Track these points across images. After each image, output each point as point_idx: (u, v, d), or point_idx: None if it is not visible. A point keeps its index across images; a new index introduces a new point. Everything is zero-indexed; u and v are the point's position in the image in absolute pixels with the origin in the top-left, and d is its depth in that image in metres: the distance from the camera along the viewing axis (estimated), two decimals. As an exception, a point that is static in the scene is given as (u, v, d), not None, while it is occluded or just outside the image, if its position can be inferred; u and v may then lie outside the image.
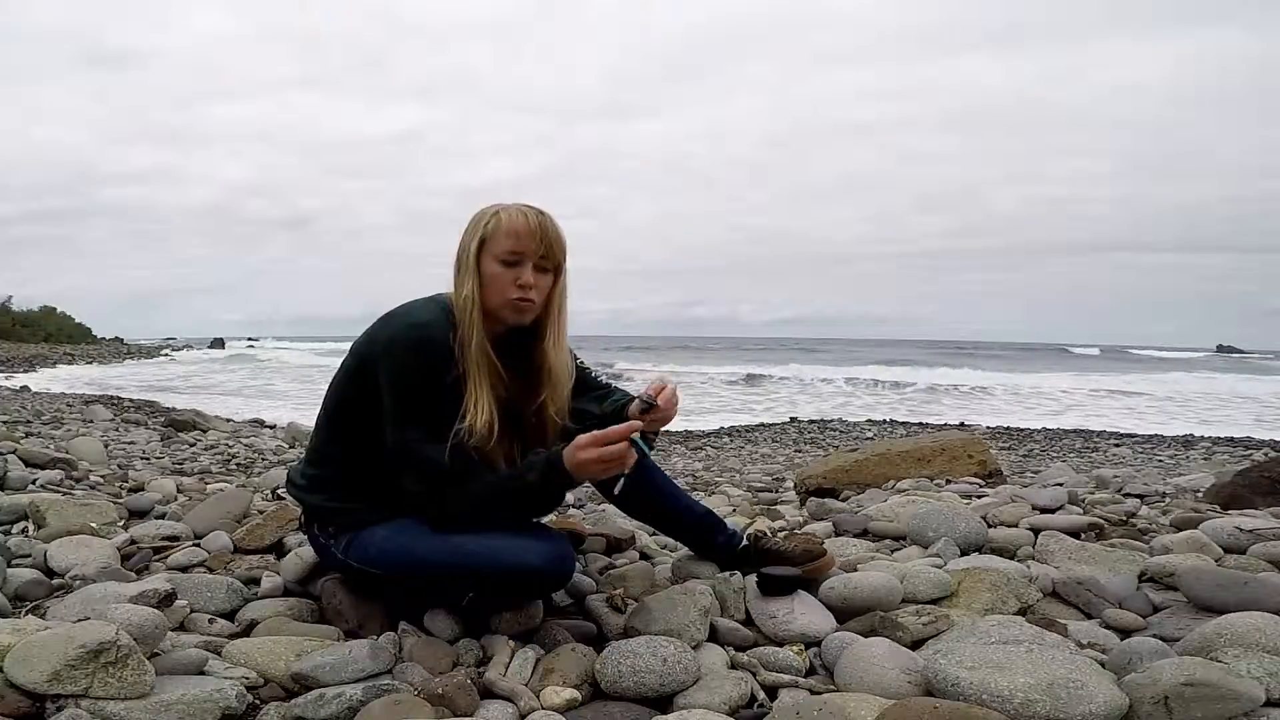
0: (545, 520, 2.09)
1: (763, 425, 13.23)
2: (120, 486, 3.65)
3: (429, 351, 1.67)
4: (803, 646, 1.76)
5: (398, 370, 1.68)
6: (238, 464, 5.95)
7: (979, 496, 3.39)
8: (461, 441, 1.67)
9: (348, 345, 1.83)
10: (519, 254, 1.73)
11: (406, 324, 1.72)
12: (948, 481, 4.05)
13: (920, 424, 13.94)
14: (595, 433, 1.65)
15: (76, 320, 57.30)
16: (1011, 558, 2.31)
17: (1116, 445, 11.20)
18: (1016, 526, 2.63)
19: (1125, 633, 1.83)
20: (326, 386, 1.87)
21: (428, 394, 1.67)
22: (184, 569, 2.11)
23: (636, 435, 1.66)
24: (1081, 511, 2.89)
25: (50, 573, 2.06)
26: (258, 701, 1.47)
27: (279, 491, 3.29)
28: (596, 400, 1.98)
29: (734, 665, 1.68)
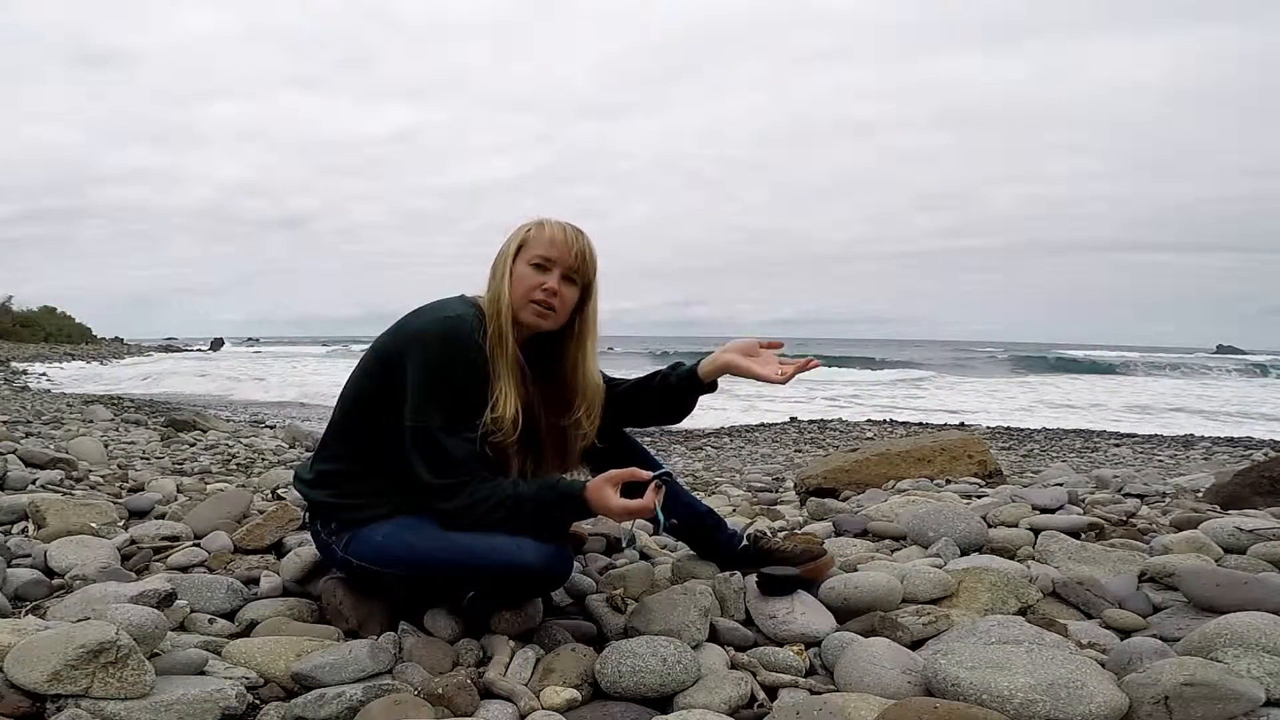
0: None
1: (763, 425, 13.22)
2: (120, 486, 3.65)
3: (459, 341, 1.71)
4: (803, 646, 1.76)
5: (427, 357, 1.71)
6: (238, 464, 5.95)
7: (979, 496, 3.40)
8: (481, 435, 1.71)
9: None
10: (550, 260, 1.79)
11: (438, 316, 1.76)
12: (948, 481, 4.05)
13: (920, 424, 13.93)
14: (616, 472, 1.69)
15: (76, 320, 57.34)
16: (1011, 558, 2.31)
17: (1116, 445, 11.20)
18: (1016, 526, 2.63)
19: (1125, 633, 1.83)
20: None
21: (454, 383, 1.70)
22: (184, 569, 2.11)
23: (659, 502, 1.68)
24: (1081, 511, 2.89)
25: (50, 573, 2.06)
26: (258, 701, 1.47)
27: (279, 491, 3.30)
28: (609, 390, 1.99)
29: (734, 665, 1.68)
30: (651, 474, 1.69)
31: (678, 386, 1.95)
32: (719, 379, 1.95)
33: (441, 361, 1.70)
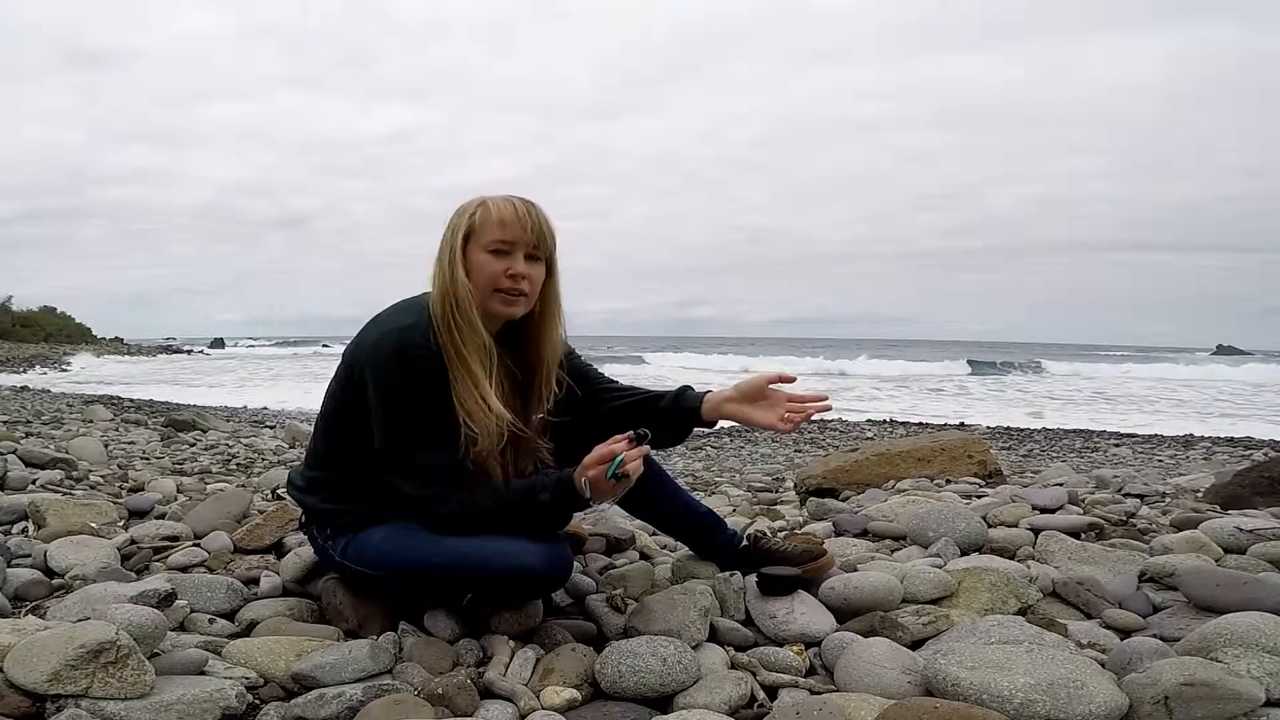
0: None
1: (763, 425, 13.15)
2: (120, 486, 3.65)
3: (411, 356, 1.64)
4: (803, 646, 1.76)
5: (380, 380, 1.66)
6: (238, 464, 5.95)
7: (979, 496, 3.39)
8: (464, 449, 1.65)
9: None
10: (509, 243, 1.70)
11: (386, 330, 1.69)
12: (948, 481, 4.05)
13: (920, 424, 13.92)
14: (596, 449, 1.63)
15: (76, 320, 57.36)
16: (1011, 558, 2.31)
17: (1116, 445, 11.19)
18: (1016, 526, 2.63)
19: (1125, 633, 1.83)
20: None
21: (414, 400, 1.65)
22: (184, 569, 2.11)
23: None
24: (1081, 511, 2.89)
25: (50, 573, 2.06)
26: (258, 701, 1.47)
27: (279, 491, 3.30)
28: (603, 396, 1.97)
29: (734, 665, 1.68)
30: (628, 433, 1.64)
31: (679, 419, 1.91)
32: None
33: (397, 382, 1.64)
